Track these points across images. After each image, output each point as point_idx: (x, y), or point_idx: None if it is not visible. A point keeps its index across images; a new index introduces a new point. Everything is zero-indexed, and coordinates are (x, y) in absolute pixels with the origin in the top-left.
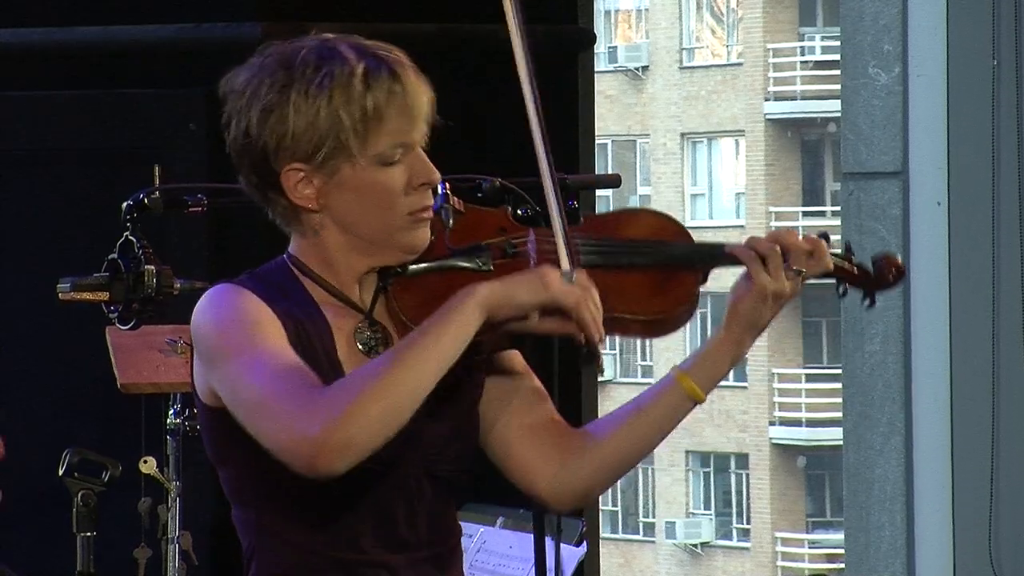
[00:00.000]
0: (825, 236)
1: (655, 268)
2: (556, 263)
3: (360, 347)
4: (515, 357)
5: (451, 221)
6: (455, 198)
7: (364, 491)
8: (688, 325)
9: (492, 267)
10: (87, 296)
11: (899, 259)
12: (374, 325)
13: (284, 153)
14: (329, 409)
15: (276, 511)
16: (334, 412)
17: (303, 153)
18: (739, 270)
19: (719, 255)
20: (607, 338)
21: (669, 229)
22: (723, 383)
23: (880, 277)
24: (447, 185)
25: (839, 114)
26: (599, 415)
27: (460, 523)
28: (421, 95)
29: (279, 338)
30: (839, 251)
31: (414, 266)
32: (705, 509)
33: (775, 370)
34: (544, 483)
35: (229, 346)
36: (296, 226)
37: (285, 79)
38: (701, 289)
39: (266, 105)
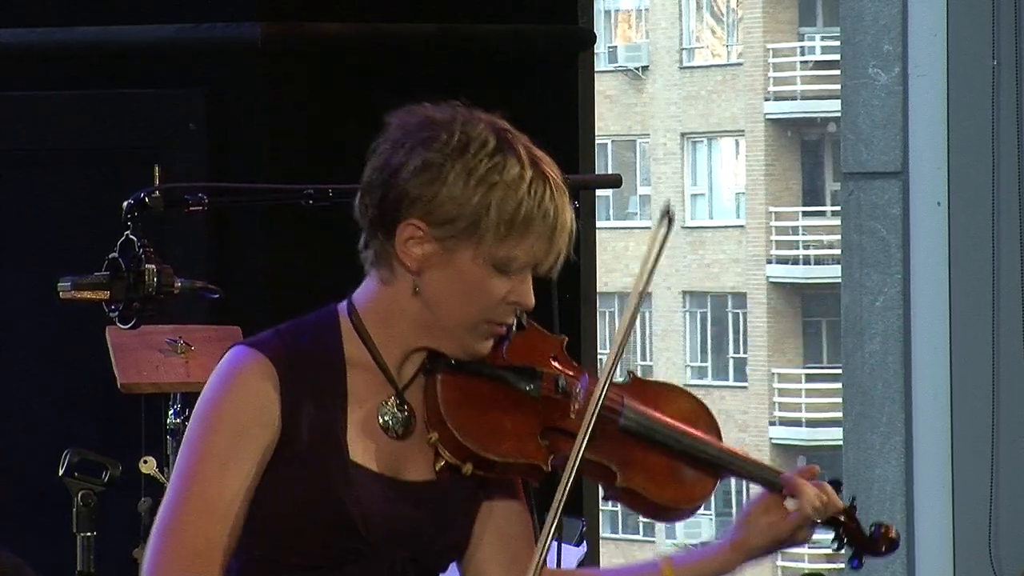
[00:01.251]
0: (836, 483)
1: (683, 459)
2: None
3: (380, 420)
4: (521, 500)
5: (513, 331)
6: (524, 314)
7: (350, 567)
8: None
9: (540, 396)
10: (88, 295)
11: (895, 532)
12: (402, 404)
13: (418, 208)
14: None
15: (260, 570)
16: None
17: (435, 219)
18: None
19: (769, 481)
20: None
21: (705, 419)
22: (724, 383)
23: (874, 543)
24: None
25: (839, 114)
26: None
27: None
28: (568, 227)
29: (246, 460)
30: (844, 503)
31: (468, 364)
32: (705, 509)
33: (775, 370)
34: None
35: (198, 439)
36: (382, 271)
37: (459, 146)
38: (701, 290)
39: (430, 159)
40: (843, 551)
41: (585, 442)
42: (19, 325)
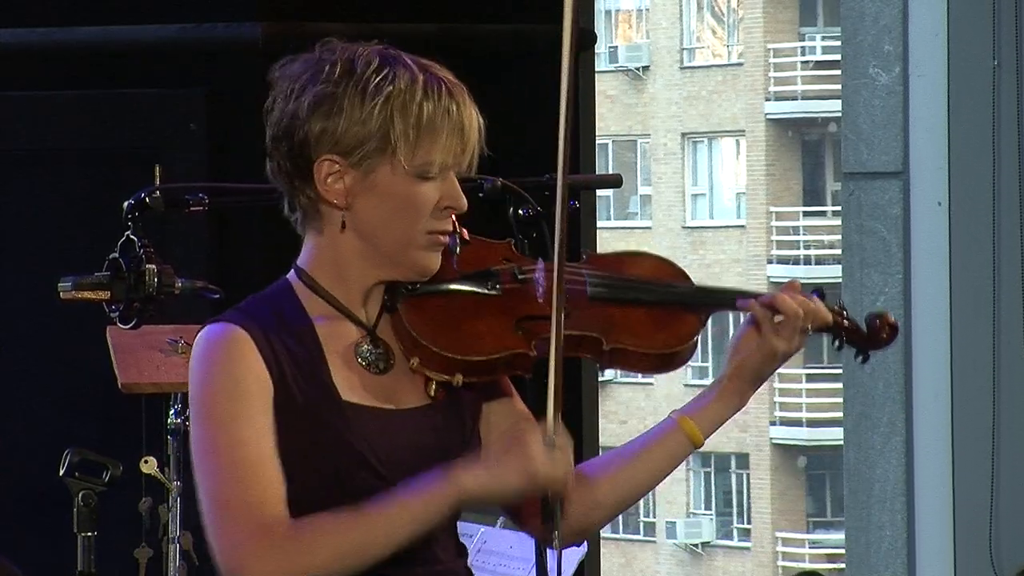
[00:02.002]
0: (820, 292)
1: (660, 306)
2: (567, 290)
3: (359, 361)
4: (515, 398)
5: (458, 248)
6: (462, 228)
7: (368, 501)
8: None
9: (502, 291)
10: (88, 295)
11: (892, 317)
12: (376, 340)
13: (325, 143)
14: (282, 561)
15: None
16: (286, 565)
17: (344, 147)
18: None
19: (730, 304)
20: (611, 370)
21: (669, 271)
22: None
23: (873, 334)
24: (453, 214)
25: (840, 114)
26: (599, 415)
27: (461, 523)
28: (474, 123)
29: (259, 415)
30: (835, 307)
31: (424, 286)
32: (706, 509)
33: None
34: (538, 522)
35: (207, 416)
36: (315, 222)
37: (345, 72)
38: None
39: (320, 92)
40: (845, 349)
41: (559, 310)
42: (19, 325)
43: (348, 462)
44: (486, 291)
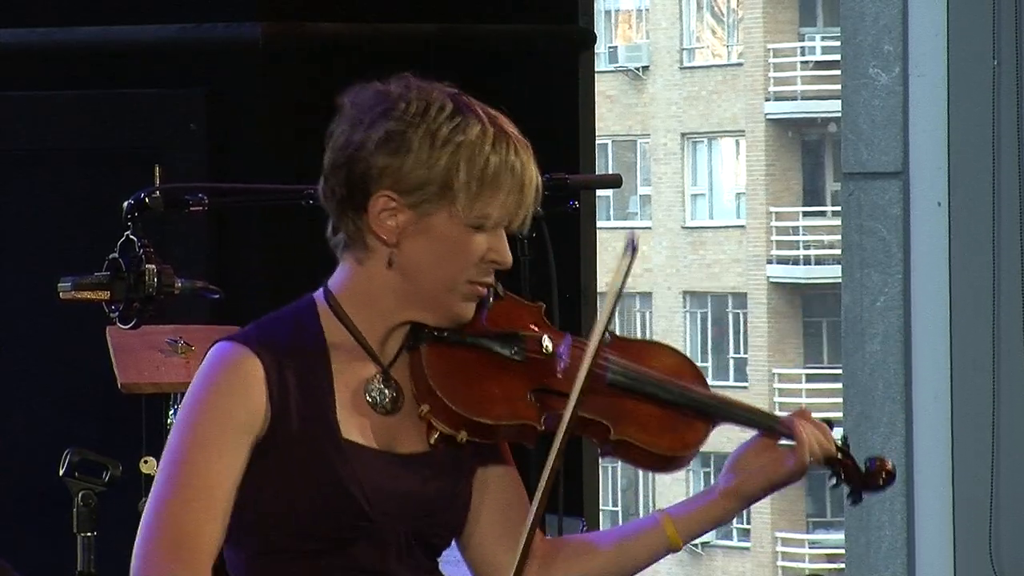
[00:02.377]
0: (829, 423)
1: (673, 407)
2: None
3: (368, 399)
4: (512, 468)
5: (490, 302)
6: (498, 282)
7: (357, 553)
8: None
9: (525, 358)
10: (88, 295)
11: (891, 464)
12: (388, 380)
13: (387, 179)
14: None
15: (267, 561)
16: None
17: (405, 187)
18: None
19: (744, 421)
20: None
21: (690, 373)
22: (724, 383)
23: (871, 477)
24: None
25: (839, 114)
26: None
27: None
28: (534, 183)
29: (236, 450)
30: (839, 443)
31: (451, 334)
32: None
33: (775, 370)
34: None
35: (187, 430)
36: (358, 251)
37: (419, 112)
38: (701, 290)
39: (392, 129)
40: (841, 488)
41: (578, 394)
42: (19, 325)
43: (336, 497)
44: (509, 355)
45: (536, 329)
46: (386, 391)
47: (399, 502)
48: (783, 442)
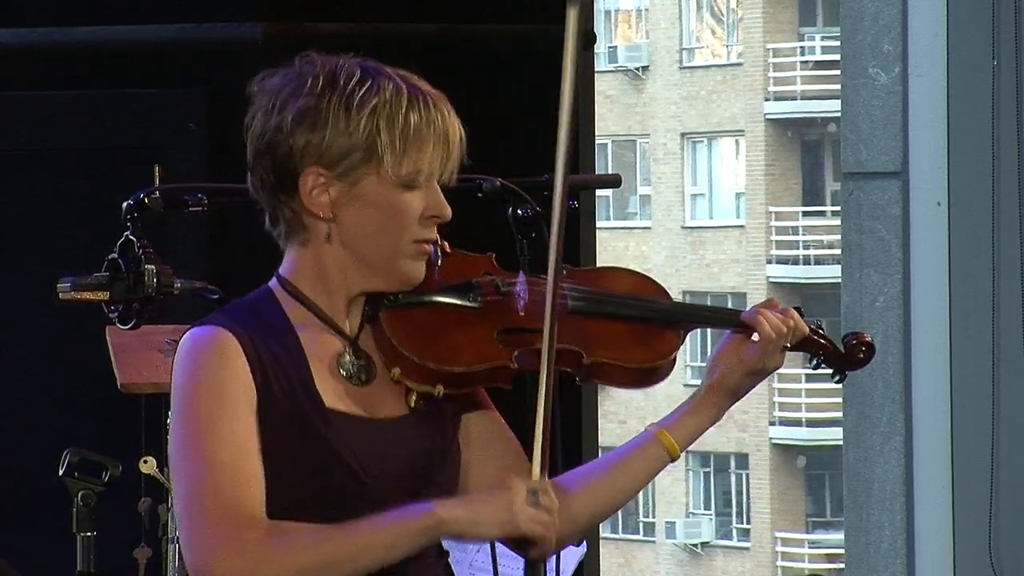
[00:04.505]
0: (799, 310)
1: (639, 321)
2: (542, 306)
3: (341, 372)
4: (493, 411)
5: (439, 261)
6: (443, 241)
7: (351, 509)
8: None
9: (483, 303)
10: (87, 296)
11: (868, 336)
12: (358, 352)
13: (310, 156)
14: (250, 567)
15: None
16: (252, 572)
17: (330, 159)
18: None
19: (724, 319)
20: (589, 384)
21: (649, 288)
22: None
23: (850, 353)
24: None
25: (839, 114)
26: (598, 416)
27: None
28: (457, 133)
29: (242, 417)
30: (812, 324)
31: (406, 297)
32: (705, 509)
33: None
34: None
35: (189, 416)
36: (299, 234)
37: (328, 84)
38: (701, 290)
39: (304, 106)
40: (823, 369)
41: (550, 325)
42: (19, 325)
43: (331, 466)
44: (467, 303)
45: (490, 276)
46: (358, 362)
47: (392, 465)
48: (755, 335)
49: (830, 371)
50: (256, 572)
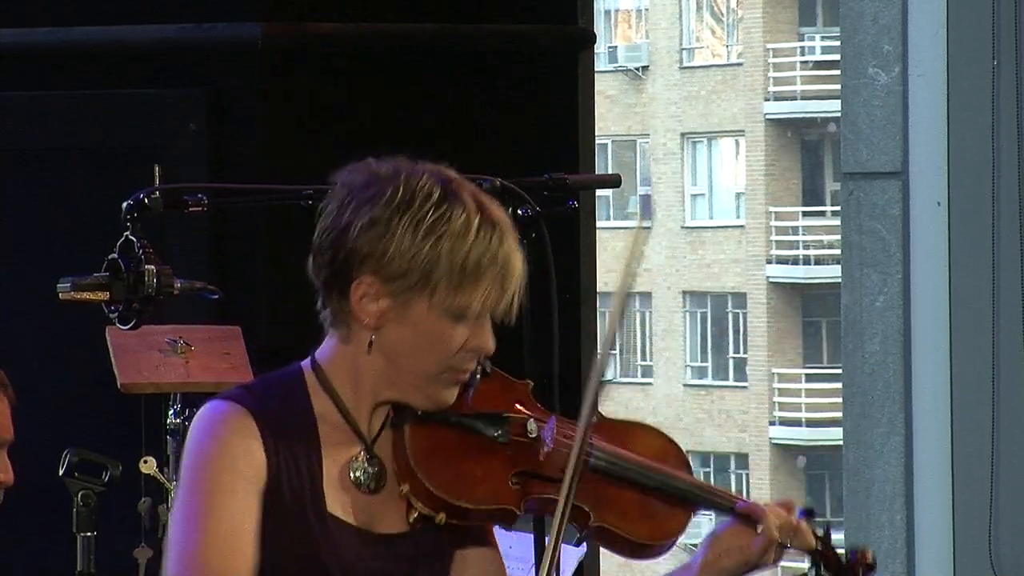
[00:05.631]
0: (811, 512)
1: (655, 494)
2: (563, 464)
3: (351, 477)
4: (495, 549)
5: (478, 380)
6: (487, 360)
7: None
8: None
9: (508, 441)
10: (87, 296)
11: (871, 555)
12: (373, 459)
13: (369, 265)
14: None
15: None
16: None
17: (387, 273)
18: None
19: (729, 509)
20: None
21: (674, 457)
22: (724, 383)
23: (851, 569)
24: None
25: (839, 114)
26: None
27: None
28: (519, 270)
29: (246, 493)
30: (818, 532)
31: (435, 414)
32: (705, 511)
33: (775, 370)
34: None
35: (194, 483)
36: (341, 330)
37: (404, 200)
38: (701, 290)
39: (376, 216)
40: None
41: (573, 484)
42: (19, 325)
43: (312, 568)
44: (494, 436)
45: (522, 409)
46: (370, 470)
47: None
48: (759, 527)
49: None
50: None
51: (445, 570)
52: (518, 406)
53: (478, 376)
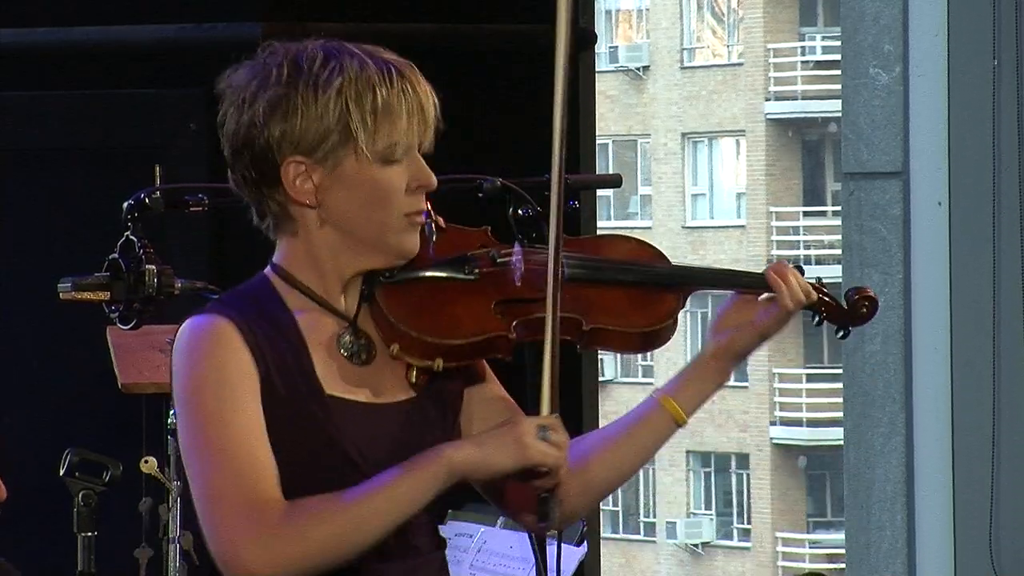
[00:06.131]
0: (800, 268)
1: (638, 286)
2: (543, 274)
3: (343, 352)
4: (494, 383)
5: (434, 236)
6: (438, 216)
7: None
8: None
9: (479, 275)
10: (88, 296)
11: (871, 291)
12: (357, 331)
13: (287, 145)
14: (276, 547)
15: None
16: (280, 552)
17: (307, 145)
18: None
19: (735, 281)
20: (590, 351)
21: (648, 253)
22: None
23: (853, 309)
24: (428, 201)
25: (840, 114)
26: (599, 415)
27: (461, 523)
28: (429, 99)
29: (248, 403)
30: (813, 282)
31: (401, 273)
32: (706, 509)
33: (776, 370)
34: (527, 513)
35: (195, 406)
36: (288, 224)
37: (292, 72)
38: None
39: (273, 97)
40: (823, 325)
41: (553, 293)
42: (19, 325)
43: (328, 454)
44: (463, 276)
45: (486, 248)
46: (358, 342)
47: (390, 452)
48: (764, 296)
49: (833, 327)
50: (285, 552)
51: (456, 430)
52: (481, 247)
53: (434, 234)
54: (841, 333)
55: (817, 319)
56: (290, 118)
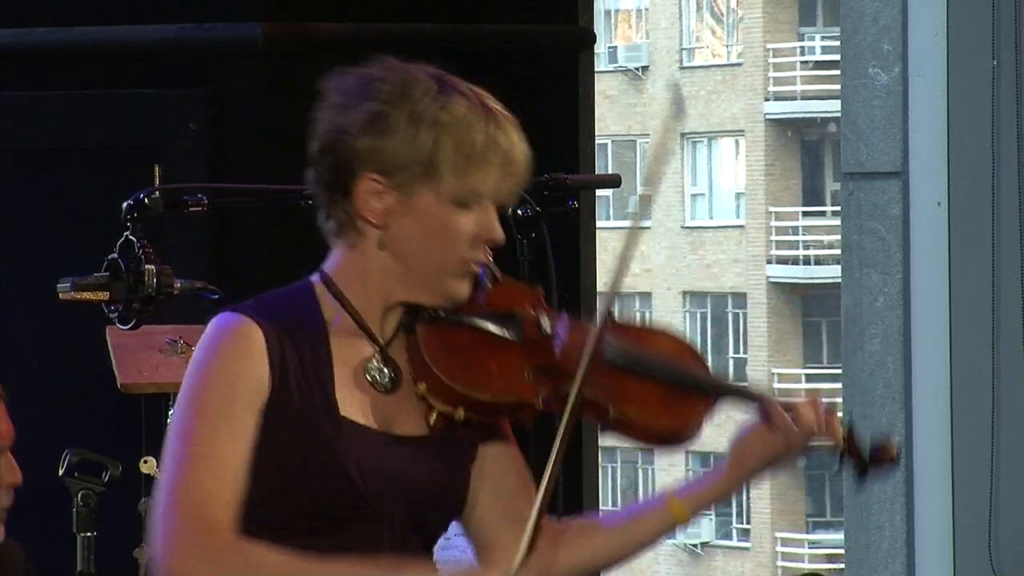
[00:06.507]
0: (833, 409)
1: (673, 387)
2: (578, 358)
3: (367, 377)
4: (513, 444)
5: (488, 284)
6: (495, 267)
7: (344, 519)
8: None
9: (522, 338)
10: (87, 296)
11: (895, 448)
12: (387, 359)
13: (371, 162)
14: (209, 564)
15: (259, 537)
16: (210, 571)
17: (389, 167)
18: None
19: (750, 398)
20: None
21: (690, 357)
22: None
23: (874, 461)
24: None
25: (839, 114)
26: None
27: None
28: (523, 156)
29: (242, 417)
30: (845, 429)
31: (449, 315)
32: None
33: (775, 370)
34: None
35: (193, 402)
36: (349, 235)
37: (401, 92)
38: (701, 290)
39: (373, 110)
40: (844, 469)
41: (583, 372)
42: (19, 325)
43: (329, 472)
44: (506, 334)
45: (533, 310)
46: (385, 370)
47: (394, 484)
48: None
49: (850, 471)
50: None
51: (466, 475)
52: (529, 307)
53: (489, 282)
54: (860, 478)
55: (838, 465)
56: (382, 136)
